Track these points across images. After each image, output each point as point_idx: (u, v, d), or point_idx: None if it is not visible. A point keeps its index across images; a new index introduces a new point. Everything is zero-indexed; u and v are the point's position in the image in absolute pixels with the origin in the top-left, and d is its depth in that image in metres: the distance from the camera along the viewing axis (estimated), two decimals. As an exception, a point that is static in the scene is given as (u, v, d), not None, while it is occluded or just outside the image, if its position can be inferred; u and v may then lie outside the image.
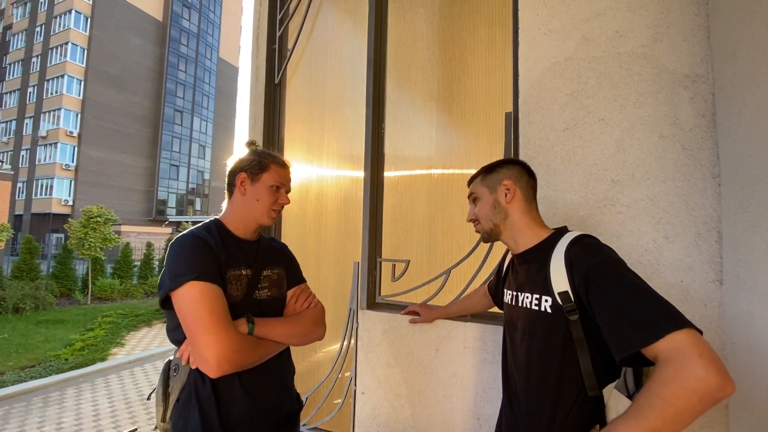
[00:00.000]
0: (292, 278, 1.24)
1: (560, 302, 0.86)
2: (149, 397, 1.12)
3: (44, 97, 28.02)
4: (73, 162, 27.60)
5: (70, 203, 26.81)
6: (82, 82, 28.08)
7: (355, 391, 1.82)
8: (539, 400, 0.90)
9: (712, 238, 1.20)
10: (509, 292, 1.06)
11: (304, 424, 1.98)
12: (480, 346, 1.52)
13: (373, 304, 1.88)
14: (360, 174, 2.00)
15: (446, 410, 1.58)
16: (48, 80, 28.13)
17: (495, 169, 1.05)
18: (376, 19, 2.00)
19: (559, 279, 0.87)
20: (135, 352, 6.85)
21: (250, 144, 1.20)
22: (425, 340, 1.65)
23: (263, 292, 1.12)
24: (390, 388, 1.72)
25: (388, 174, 1.96)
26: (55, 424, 4.32)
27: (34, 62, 29.59)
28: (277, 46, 2.35)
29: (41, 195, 27.37)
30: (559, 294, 0.86)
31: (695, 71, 1.25)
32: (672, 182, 1.26)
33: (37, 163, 27.84)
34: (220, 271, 1.01)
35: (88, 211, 11.09)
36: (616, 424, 0.68)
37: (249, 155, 1.15)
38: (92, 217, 10.97)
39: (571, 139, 1.41)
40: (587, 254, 0.85)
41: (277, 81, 2.34)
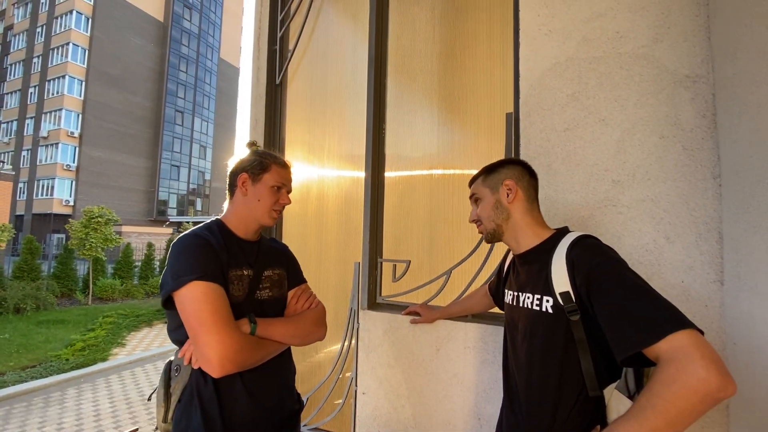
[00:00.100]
0: (293, 279, 1.24)
1: (561, 302, 0.86)
2: (150, 398, 1.12)
3: (45, 98, 28.06)
4: (74, 162, 27.64)
5: (71, 204, 26.83)
6: (83, 83, 28.11)
7: (355, 391, 1.82)
8: (540, 400, 0.90)
9: (712, 239, 1.20)
10: (510, 292, 1.06)
11: (305, 425, 1.98)
12: (481, 347, 1.52)
13: (373, 304, 1.88)
14: (361, 174, 2.00)
15: (447, 410, 1.58)
16: (49, 81, 28.17)
17: (496, 169, 1.05)
18: (377, 19, 2.00)
19: (561, 279, 0.87)
20: (136, 353, 6.86)
21: (251, 144, 1.20)
22: (426, 340, 1.65)
23: (264, 292, 1.12)
24: (391, 389, 1.72)
25: (389, 174, 1.96)
26: (56, 424, 4.32)
27: (35, 63, 29.63)
28: (278, 46, 2.35)
29: (42, 195, 27.40)
30: (560, 294, 0.86)
31: (696, 72, 1.25)
32: (673, 183, 1.26)
33: (38, 163, 27.89)
34: (222, 271, 1.01)
35: (89, 212, 11.12)
36: (618, 425, 0.68)
37: (250, 156, 1.15)
38: (93, 218, 10.99)
39: (572, 140, 1.41)
40: (588, 254, 0.85)
41: (278, 81, 2.34)
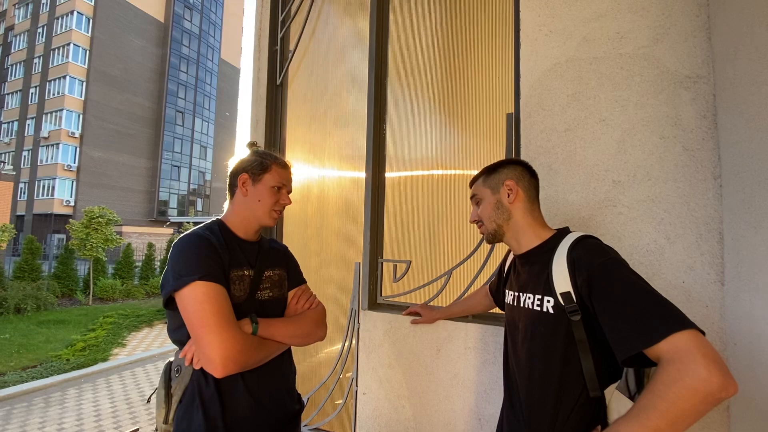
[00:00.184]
0: (293, 279, 1.24)
1: (562, 303, 0.86)
2: (149, 400, 1.12)
3: (46, 98, 28.08)
4: (74, 163, 27.64)
5: (72, 204, 26.83)
6: (84, 83, 28.12)
7: (356, 391, 1.82)
8: (541, 400, 0.90)
9: (713, 239, 1.20)
10: (511, 292, 1.06)
11: (305, 425, 1.98)
12: (481, 347, 1.52)
13: (374, 304, 1.88)
14: (361, 175, 2.00)
15: (447, 411, 1.58)
16: (50, 81, 28.19)
17: (497, 169, 1.05)
18: (377, 20, 2.00)
19: (562, 279, 0.87)
20: (136, 353, 6.87)
21: (251, 145, 1.20)
22: (426, 340, 1.65)
23: (265, 292, 1.12)
24: (391, 389, 1.72)
25: (390, 175, 1.96)
26: (57, 424, 4.33)
27: (36, 63, 29.66)
28: (278, 47, 2.36)
29: (43, 196, 27.41)
30: (561, 294, 0.86)
31: (696, 72, 1.25)
32: (673, 183, 1.26)
33: (38, 163, 27.90)
34: (224, 271, 1.01)
35: (89, 212, 11.13)
36: (618, 425, 0.68)
37: (250, 156, 1.15)
38: (94, 218, 11.01)
39: (573, 140, 1.41)
40: (589, 255, 0.85)
41: (278, 82, 2.35)
